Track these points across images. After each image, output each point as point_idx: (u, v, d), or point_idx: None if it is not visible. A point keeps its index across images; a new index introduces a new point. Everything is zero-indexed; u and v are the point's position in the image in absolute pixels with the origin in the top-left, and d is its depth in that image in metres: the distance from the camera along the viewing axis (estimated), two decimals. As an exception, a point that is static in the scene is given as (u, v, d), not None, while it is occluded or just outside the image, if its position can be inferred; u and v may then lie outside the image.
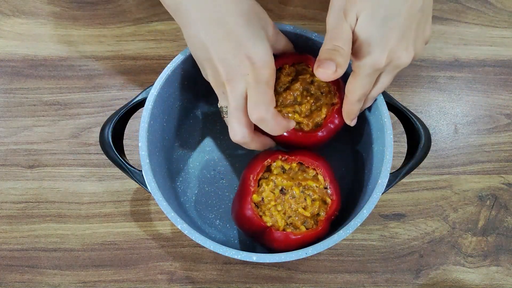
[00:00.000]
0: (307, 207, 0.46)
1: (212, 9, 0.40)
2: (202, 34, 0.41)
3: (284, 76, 0.48)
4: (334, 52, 0.39)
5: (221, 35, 0.41)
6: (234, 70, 0.41)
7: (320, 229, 0.46)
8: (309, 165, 0.47)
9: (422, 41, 0.42)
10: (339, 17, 0.39)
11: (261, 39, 0.42)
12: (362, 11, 0.38)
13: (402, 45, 0.39)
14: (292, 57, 0.49)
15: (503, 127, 0.61)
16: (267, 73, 0.42)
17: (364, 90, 0.43)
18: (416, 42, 0.41)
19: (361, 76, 0.41)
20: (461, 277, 0.56)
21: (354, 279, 0.56)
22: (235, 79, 0.42)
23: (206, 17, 0.40)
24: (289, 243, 0.45)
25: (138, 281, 0.55)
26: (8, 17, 0.63)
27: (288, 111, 0.48)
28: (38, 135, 0.59)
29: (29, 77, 0.61)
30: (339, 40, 0.39)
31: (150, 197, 0.57)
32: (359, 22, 0.38)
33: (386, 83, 0.44)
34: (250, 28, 0.41)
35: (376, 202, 0.45)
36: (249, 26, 0.41)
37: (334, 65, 0.39)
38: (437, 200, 0.58)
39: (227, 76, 0.41)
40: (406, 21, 0.38)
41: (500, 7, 0.65)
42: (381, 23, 0.37)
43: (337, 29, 0.39)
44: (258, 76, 0.41)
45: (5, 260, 0.56)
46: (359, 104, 0.45)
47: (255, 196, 0.46)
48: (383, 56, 0.39)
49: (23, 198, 0.58)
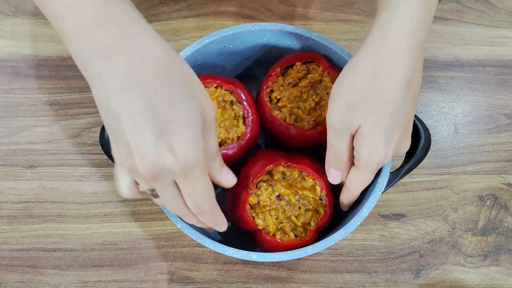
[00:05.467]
0: (300, 216, 0.47)
1: (127, 68, 0.33)
2: (114, 103, 0.33)
3: (295, 72, 0.51)
4: (338, 162, 0.44)
5: (138, 111, 0.33)
6: (154, 164, 0.34)
7: (307, 239, 0.46)
8: (309, 175, 0.48)
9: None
10: (341, 133, 0.41)
11: (191, 122, 0.34)
12: (366, 120, 0.39)
13: (403, 138, 0.42)
14: (305, 55, 0.51)
15: (503, 127, 0.61)
16: (198, 168, 0.35)
17: (368, 183, 0.44)
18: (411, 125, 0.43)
19: (368, 173, 0.43)
20: (461, 277, 0.56)
21: (354, 279, 0.56)
22: (160, 180, 0.35)
23: (121, 82, 0.33)
24: (276, 248, 0.46)
25: (138, 281, 0.55)
26: (8, 17, 0.63)
27: (293, 106, 0.50)
28: (38, 135, 0.59)
29: (29, 77, 0.61)
30: (341, 158, 0.43)
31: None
32: (363, 128, 0.39)
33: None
34: (175, 102, 0.34)
35: (376, 201, 0.46)
36: (174, 99, 0.34)
37: (341, 174, 0.44)
38: (437, 200, 0.58)
39: (147, 171, 0.34)
40: (408, 116, 0.41)
41: (500, 7, 0.65)
42: (386, 127, 0.39)
43: (339, 150, 0.42)
44: (186, 172, 0.35)
45: (5, 260, 0.56)
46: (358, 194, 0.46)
47: (252, 198, 0.47)
48: (389, 154, 0.41)
49: (23, 198, 0.57)
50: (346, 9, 0.65)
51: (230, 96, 0.50)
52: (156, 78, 0.33)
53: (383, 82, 0.38)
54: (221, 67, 0.56)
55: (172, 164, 0.34)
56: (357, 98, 0.38)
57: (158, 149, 0.33)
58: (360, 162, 0.41)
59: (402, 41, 0.38)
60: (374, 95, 0.38)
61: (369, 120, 0.39)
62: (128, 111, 0.33)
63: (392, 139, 0.40)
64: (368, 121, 0.39)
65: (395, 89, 0.38)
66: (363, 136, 0.39)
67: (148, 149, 0.33)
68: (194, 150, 0.34)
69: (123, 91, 0.33)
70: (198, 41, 0.50)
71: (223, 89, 0.50)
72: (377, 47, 0.38)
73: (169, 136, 0.33)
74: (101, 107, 0.35)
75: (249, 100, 0.50)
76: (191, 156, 0.34)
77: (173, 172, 0.34)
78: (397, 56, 0.38)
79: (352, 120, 0.39)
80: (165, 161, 0.33)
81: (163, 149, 0.33)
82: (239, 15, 0.65)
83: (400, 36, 0.38)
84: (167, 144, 0.33)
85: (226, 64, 0.56)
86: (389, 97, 0.38)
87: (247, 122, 0.49)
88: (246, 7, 0.65)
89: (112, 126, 0.35)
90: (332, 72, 0.50)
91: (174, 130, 0.33)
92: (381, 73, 0.38)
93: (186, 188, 0.36)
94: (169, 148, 0.33)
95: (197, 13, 0.65)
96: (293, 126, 0.49)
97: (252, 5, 0.65)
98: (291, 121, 0.50)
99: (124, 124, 0.33)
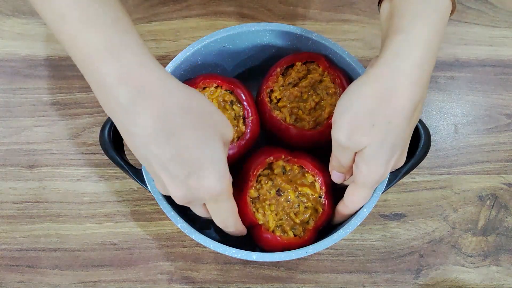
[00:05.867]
0: (298, 214, 0.47)
1: (154, 123, 0.36)
2: (143, 152, 0.37)
3: (295, 73, 0.51)
4: (342, 169, 0.45)
5: (166, 158, 0.37)
6: (185, 196, 0.39)
7: (306, 238, 0.47)
8: (309, 171, 0.48)
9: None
10: (346, 150, 0.42)
11: (214, 156, 0.38)
12: (370, 142, 0.40)
13: (402, 155, 0.44)
14: (305, 55, 0.51)
15: (503, 127, 0.61)
16: (224, 195, 0.40)
17: (365, 201, 0.45)
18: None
19: (365, 189, 0.44)
20: (461, 277, 0.56)
21: (354, 279, 0.56)
22: (192, 203, 0.41)
23: (149, 135, 0.36)
24: (274, 246, 0.46)
25: (138, 281, 0.55)
26: (8, 17, 0.63)
27: (293, 106, 0.50)
28: (38, 135, 0.59)
29: (29, 77, 0.61)
30: (345, 166, 0.44)
31: (150, 197, 0.57)
32: (367, 149, 0.40)
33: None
34: (199, 142, 0.37)
35: (376, 201, 0.46)
36: (198, 140, 0.37)
37: (343, 176, 0.46)
38: (437, 200, 0.58)
39: (179, 201, 0.40)
40: (407, 139, 0.43)
41: (500, 7, 0.65)
42: (388, 150, 0.40)
43: (342, 161, 0.43)
44: (214, 200, 0.40)
45: (5, 260, 0.56)
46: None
47: (252, 191, 0.47)
48: (387, 172, 0.42)
49: (23, 198, 0.57)
50: (346, 9, 0.65)
51: (230, 96, 0.50)
52: (178, 122, 0.36)
53: (391, 111, 0.39)
54: (221, 67, 0.56)
55: (202, 195, 0.39)
56: (365, 121, 0.39)
57: (189, 185, 0.38)
58: (359, 178, 0.42)
59: (415, 70, 0.38)
60: (382, 122, 0.39)
61: (374, 143, 0.40)
62: (157, 158, 0.37)
63: (392, 159, 0.41)
64: (373, 144, 0.40)
65: (402, 117, 0.39)
66: (365, 155, 0.41)
67: (178, 185, 0.38)
68: (220, 182, 0.39)
69: (151, 140, 0.36)
70: (198, 41, 0.50)
71: (223, 89, 0.50)
72: (388, 73, 0.39)
73: (197, 173, 0.38)
74: (134, 151, 0.38)
75: (249, 100, 0.50)
76: (218, 187, 0.39)
77: (203, 200, 0.40)
78: (408, 86, 0.38)
79: (358, 141, 0.40)
80: (195, 194, 0.39)
81: (193, 184, 0.38)
82: (239, 15, 0.65)
83: (413, 65, 0.38)
84: (196, 180, 0.38)
85: (226, 64, 0.56)
86: (396, 124, 0.39)
87: (247, 122, 0.49)
88: (246, 7, 0.65)
89: (145, 164, 0.39)
90: (332, 72, 0.50)
91: (201, 168, 0.38)
92: (390, 101, 0.39)
93: (214, 210, 0.42)
94: (198, 184, 0.38)
95: (197, 13, 0.65)
96: (293, 126, 0.49)
97: (252, 5, 0.65)
98: (291, 121, 0.50)
99: (155, 168, 0.38)
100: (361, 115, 0.39)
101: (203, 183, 0.38)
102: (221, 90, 0.50)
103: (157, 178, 0.39)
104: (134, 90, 0.35)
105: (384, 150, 0.40)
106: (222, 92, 0.49)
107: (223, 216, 0.43)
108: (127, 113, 0.35)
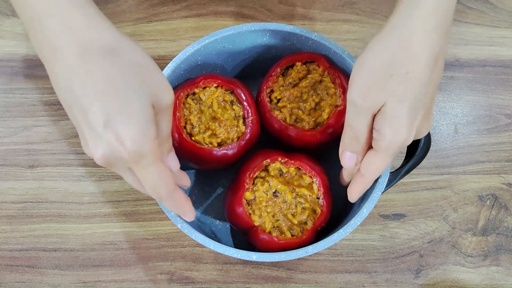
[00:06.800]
0: (296, 214, 0.47)
1: (76, 61, 0.33)
2: (66, 92, 0.35)
3: (295, 73, 0.51)
4: (355, 144, 0.41)
5: (88, 97, 0.34)
6: (104, 153, 0.35)
7: (304, 238, 0.46)
8: (307, 172, 0.48)
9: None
10: (363, 112, 0.39)
11: (135, 110, 0.34)
12: (389, 98, 0.37)
13: (425, 121, 0.40)
14: (305, 55, 0.51)
15: (503, 127, 0.61)
16: (148, 157, 0.35)
17: (384, 170, 0.42)
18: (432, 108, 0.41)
19: (386, 156, 0.40)
20: (461, 277, 0.56)
21: (354, 279, 0.56)
22: (115, 166, 0.36)
23: (71, 71, 0.34)
24: (272, 246, 0.46)
25: (138, 281, 0.55)
26: (8, 17, 0.63)
27: (293, 106, 0.50)
28: (38, 135, 0.59)
29: (29, 77, 0.61)
30: (359, 139, 0.41)
31: (150, 197, 0.57)
32: (387, 106, 0.38)
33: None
34: (120, 93, 0.34)
35: (376, 201, 0.46)
36: (119, 90, 0.34)
37: (356, 157, 0.42)
38: (437, 200, 0.58)
39: (103, 158, 0.35)
40: (431, 97, 0.39)
41: (500, 7, 0.65)
42: (410, 107, 0.37)
43: (358, 130, 0.40)
44: (136, 161, 0.35)
45: (5, 260, 0.56)
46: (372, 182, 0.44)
47: (248, 193, 0.47)
48: (411, 136, 0.39)
49: (23, 198, 0.57)
50: (346, 9, 0.65)
51: (230, 96, 0.50)
52: (100, 65, 0.34)
53: (409, 60, 0.37)
54: (221, 67, 0.56)
55: (120, 153, 0.34)
56: (381, 74, 0.37)
57: (107, 139, 0.34)
58: (381, 143, 0.39)
59: (430, 19, 0.36)
60: (399, 72, 0.37)
61: (393, 98, 0.37)
62: (77, 102, 0.34)
63: (415, 120, 0.38)
64: (392, 99, 0.37)
65: (422, 66, 0.37)
66: (386, 114, 0.38)
67: (96, 140, 0.34)
68: (140, 140, 0.34)
69: (71, 79, 0.34)
70: (198, 41, 0.50)
71: (223, 89, 0.50)
72: (402, 24, 0.37)
73: (116, 126, 0.34)
74: (59, 95, 0.36)
75: (249, 100, 0.50)
76: (137, 146, 0.34)
77: (124, 161, 0.35)
78: (424, 34, 0.36)
79: (375, 97, 0.37)
80: (114, 150, 0.34)
81: (110, 138, 0.34)
82: (239, 15, 0.65)
83: (428, 10, 0.36)
84: (114, 133, 0.34)
85: (226, 64, 0.56)
86: (415, 74, 0.37)
87: (247, 122, 0.49)
88: (246, 7, 0.65)
89: (69, 113, 0.36)
90: (332, 72, 0.50)
91: (120, 121, 0.34)
92: (406, 50, 0.37)
93: (141, 176, 0.37)
94: (116, 138, 0.34)
95: (197, 13, 0.65)
96: (293, 126, 0.49)
97: (252, 5, 0.65)
98: (291, 121, 0.50)
99: (76, 116, 0.35)
100: (377, 68, 0.37)
101: (121, 139, 0.34)
102: (221, 90, 0.50)
103: (80, 132, 0.36)
104: (62, 23, 0.33)
105: (405, 107, 0.37)
106: (222, 92, 0.50)
107: (150, 183, 0.37)
108: (51, 49, 0.34)
